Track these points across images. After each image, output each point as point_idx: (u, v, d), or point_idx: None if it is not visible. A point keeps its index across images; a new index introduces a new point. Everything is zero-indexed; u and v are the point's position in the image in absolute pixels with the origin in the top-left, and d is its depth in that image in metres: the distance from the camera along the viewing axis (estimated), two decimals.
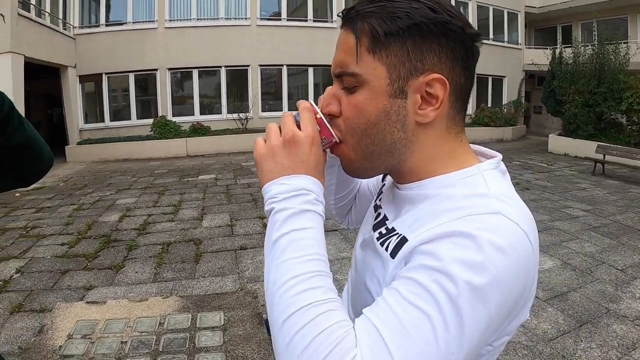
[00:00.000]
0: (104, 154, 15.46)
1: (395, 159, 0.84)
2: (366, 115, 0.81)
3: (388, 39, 0.78)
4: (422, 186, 0.84)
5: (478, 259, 0.66)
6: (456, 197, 0.76)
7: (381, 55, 0.78)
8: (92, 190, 10.29)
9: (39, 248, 6.24)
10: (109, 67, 16.53)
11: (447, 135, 0.84)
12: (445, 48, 0.78)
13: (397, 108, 0.80)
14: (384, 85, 0.79)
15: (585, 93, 15.22)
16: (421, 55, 0.78)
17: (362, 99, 0.81)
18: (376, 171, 0.89)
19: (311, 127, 0.83)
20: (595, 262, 5.55)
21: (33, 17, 12.59)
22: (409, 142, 0.82)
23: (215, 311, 4.07)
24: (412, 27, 0.77)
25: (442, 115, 0.81)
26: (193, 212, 7.99)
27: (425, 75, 0.78)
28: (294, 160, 0.81)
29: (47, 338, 3.66)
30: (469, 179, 0.80)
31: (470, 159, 0.86)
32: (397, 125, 0.80)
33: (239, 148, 16.25)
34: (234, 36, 17.38)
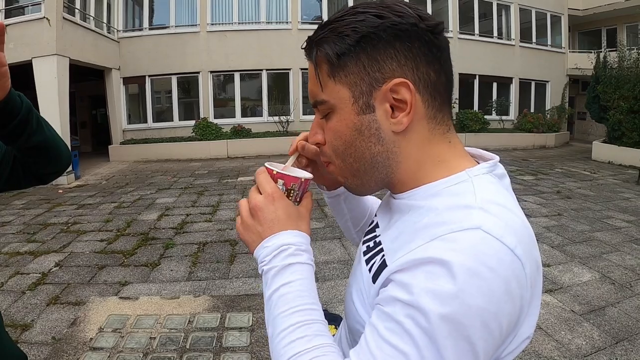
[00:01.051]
0: (146, 154, 15.79)
1: (382, 173, 0.83)
2: (342, 136, 0.82)
3: (342, 59, 0.78)
4: (410, 196, 0.83)
5: (451, 288, 0.63)
6: (438, 210, 0.74)
7: (340, 77, 0.79)
8: (132, 189, 10.50)
9: (78, 243, 6.38)
10: (151, 70, 16.88)
11: (432, 138, 0.81)
12: (401, 50, 0.76)
13: (367, 123, 0.79)
14: (350, 105, 0.80)
15: (631, 99, 14.64)
16: (377, 65, 0.77)
17: (335, 122, 0.83)
18: (368, 187, 0.88)
19: (269, 186, 0.88)
20: (635, 277, 5.30)
21: (78, 21, 12.95)
22: (391, 154, 0.81)
23: (244, 312, 4.06)
24: (360, 40, 0.76)
25: (419, 118, 0.79)
26: (230, 213, 8.04)
27: (387, 83, 0.77)
28: (265, 223, 0.86)
29: (79, 330, 3.72)
30: (457, 186, 0.77)
31: (462, 162, 0.82)
32: (372, 140, 0.80)
33: (279, 151, 16.31)
34: (275, 40, 17.49)
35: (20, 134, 1.26)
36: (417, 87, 0.77)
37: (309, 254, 0.86)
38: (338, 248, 6.07)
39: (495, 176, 0.81)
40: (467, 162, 0.83)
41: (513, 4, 20.25)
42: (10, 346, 1.52)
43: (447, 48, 0.81)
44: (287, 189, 0.89)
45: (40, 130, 1.31)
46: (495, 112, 19.77)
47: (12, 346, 1.55)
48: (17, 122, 1.23)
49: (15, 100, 1.21)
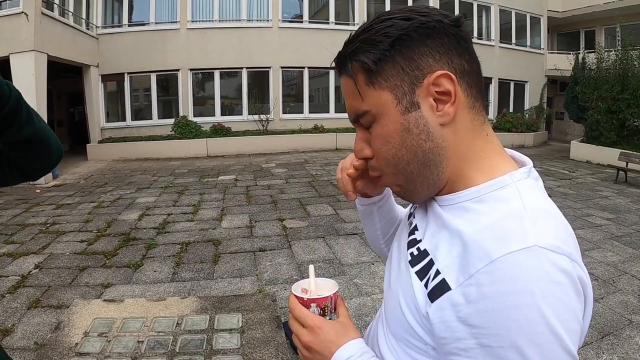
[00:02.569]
0: (124, 152, 15.58)
1: (434, 172, 0.83)
2: (390, 140, 0.83)
3: (379, 65, 0.80)
4: (453, 200, 0.83)
5: (537, 319, 0.65)
6: (487, 219, 0.74)
7: (380, 83, 0.81)
8: (112, 189, 10.35)
9: (58, 244, 6.25)
10: (131, 67, 16.67)
11: (474, 129, 0.82)
12: (433, 46, 0.79)
13: (415, 120, 0.80)
14: (394, 107, 0.81)
15: (609, 99, 14.91)
16: (415, 63, 0.79)
17: (381, 128, 0.84)
18: (419, 192, 0.88)
19: (309, 319, 0.91)
20: (618, 272, 5.39)
21: (56, 17, 12.72)
22: (441, 150, 0.81)
23: (233, 313, 4.00)
24: (394, 44, 0.79)
25: (462, 107, 0.81)
26: (212, 213, 7.97)
27: (428, 78, 0.79)
28: (323, 350, 0.90)
29: (63, 335, 3.62)
30: (501, 191, 0.77)
31: (502, 162, 0.83)
32: (422, 136, 0.80)
33: (259, 149, 16.27)
34: (255, 38, 17.42)
35: (9, 125, 1.19)
36: (455, 77, 0.79)
37: (368, 353, 0.90)
38: (322, 247, 6.05)
39: (534, 179, 0.82)
40: (506, 163, 0.84)
41: (493, 5, 20.47)
42: None
43: (470, 39, 0.84)
44: (321, 308, 0.93)
45: (31, 122, 1.24)
46: None
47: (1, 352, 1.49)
48: (5, 113, 1.16)
49: (3, 89, 1.14)
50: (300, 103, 18.66)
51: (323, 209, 8.08)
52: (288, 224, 7.17)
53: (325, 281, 1.01)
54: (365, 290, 4.72)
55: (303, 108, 18.54)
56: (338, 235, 6.58)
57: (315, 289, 0.98)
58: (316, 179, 11.14)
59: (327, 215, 7.64)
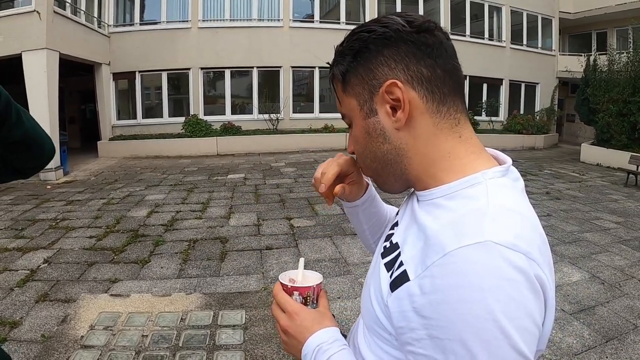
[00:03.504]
0: (135, 150, 15.67)
1: (397, 169, 0.89)
2: (359, 141, 0.93)
3: (346, 76, 0.89)
4: (428, 196, 0.85)
5: (482, 315, 0.66)
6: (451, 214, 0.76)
7: (348, 90, 0.90)
8: (122, 186, 10.42)
9: (67, 240, 6.32)
10: (142, 66, 16.78)
11: (439, 133, 0.84)
12: (390, 55, 0.83)
13: (373, 125, 0.87)
14: (358, 112, 0.89)
15: (620, 102, 14.75)
16: (372, 73, 0.85)
17: (353, 130, 0.94)
18: (390, 184, 0.95)
19: (288, 305, 0.98)
20: (624, 277, 5.35)
21: (68, 15, 12.82)
22: (400, 150, 0.86)
23: (237, 309, 4.03)
24: (356, 56, 0.87)
25: (420, 113, 0.83)
26: (221, 211, 8.01)
27: (382, 87, 0.83)
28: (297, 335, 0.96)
29: (69, 328, 3.67)
30: (471, 189, 0.79)
31: (477, 161, 0.84)
32: (379, 139, 0.87)
33: (268, 149, 16.30)
34: (266, 37, 17.46)
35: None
36: (411, 84, 0.82)
37: (339, 341, 0.94)
38: (329, 246, 6.06)
39: (510, 179, 0.83)
40: (482, 162, 0.84)
41: (504, 5, 20.34)
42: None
43: (440, 44, 0.85)
44: (304, 297, 0.99)
45: (20, 124, 1.23)
46: (485, 113, 19.89)
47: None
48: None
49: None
50: (311, 103, 18.68)
51: (331, 209, 8.07)
52: (295, 223, 7.20)
53: (312, 274, 1.06)
54: None
55: (313, 108, 18.56)
56: (345, 234, 6.60)
57: (302, 279, 1.03)
58: None
59: (334, 215, 7.66)
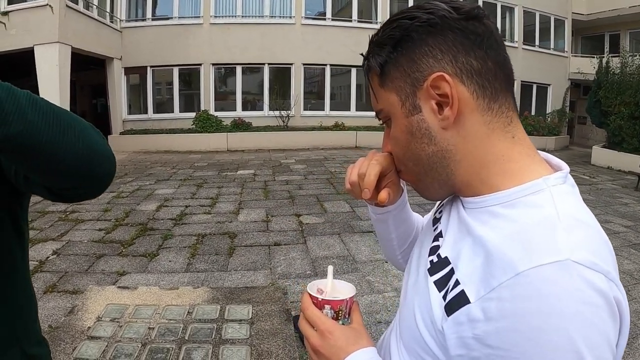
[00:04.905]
0: (145, 144, 15.76)
1: (442, 174, 0.80)
2: (399, 142, 0.84)
3: (385, 68, 0.81)
4: (480, 203, 0.76)
5: (564, 344, 0.59)
6: (516, 225, 0.67)
7: (387, 84, 0.81)
8: (132, 179, 10.47)
9: (76, 232, 6.35)
10: (153, 61, 16.86)
11: (491, 133, 0.76)
12: (435, 45, 0.76)
13: (417, 124, 0.79)
14: (399, 109, 0.81)
15: (632, 105, 14.61)
16: (415, 65, 0.77)
17: (393, 129, 0.85)
18: (433, 190, 0.86)
19: (320, 322, 0.86)
20: (633, 281, 5.28)
21: (81, 10, 12.93)
22: (446, 153, 0.78)
23: (244, 304, 4.03)
24: (396, 46, 0.78)
25: (470, 111, 0.75)
26: (230, 206, 8.02)
27: (427, 80, 0.75)
28: (332, 357, 0.85)
29: (76, 319, 3.69)
30: (534, 197, 0.70)
31: (533, 165, 0.76)
32: (424, 140, 0.79)
33: (279, 145, 16.31)
34: (278, 34, 17.47)
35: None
36: (460, 78, 0.74)
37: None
38: (337, 244, 6.05)
39: (570, 186, 0.75)
40: (539, 166, 0.76)
41: (517, 6, 20.21)
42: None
43: (490, 33, 0.77)
44: (335, 311, 0.89)
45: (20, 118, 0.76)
46: None
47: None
48: None
49: None
50: (322, 100, 18.68)
51: (340, 206, 8.08)
52: (304, 220, 7.19)
53: (343, 284, 0.97)
54: (378, 287, 4.71)
55: (324, 105, 18.56)
56: (353, 232, 6.58)
57: (332, 290, 0.94)
58: (334, 176, 11.13)
59: (343, 212, 7.64)
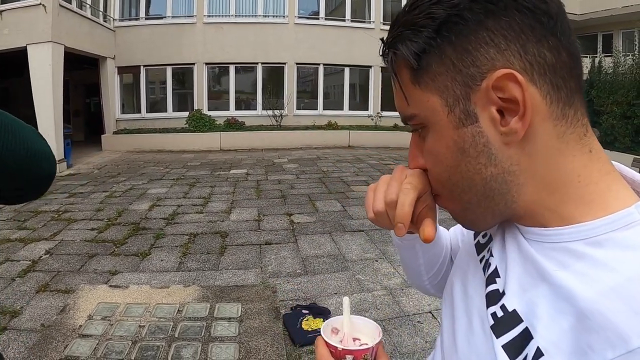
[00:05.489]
0: (138, 144, 15.79)
1: (500, 203, 0.61)
2: (442, 160, 0.63)
3: (424, 59, 0.59)
4: (555, 237, 0.58)
5: None
6: (615, 282, 0.50)
7: (426, 82, 0.60)
8: (124, 179, 10.50)
9: (69, 232, 6.39)
10: (147, 60, 16.88)
11: (564, 148, 0.57)
12: (497, 30, 0.56)
13: (471, 138, 0.59)
14: (445, 117, 0.60)
15: (624, 104, 14.75)
16: (470, 56, 0.57)
17: (432, 142, 0.64)
18: (484, 222, 0.66)
19: None
20: None
21: (74, 9, 12.91)
22: (508, 176, 0.59)
23: (233, 302, 4.09)
24: (440, 29, 0.57)
25: (541, 119, 0.56)
26: (222, 205, 8.07)
27: (487, 79, 0.56)
28: None
29: (68, 317, 3.74)
30: (628, 232, 0.53)
31: (617, 186, 0.58)
32: (481, 160, 0.59)
33: (272, 145, 16.35)
34: (271, 34, 17.52)
35: None
36: (530, 76, 0.55)
37: None
38: (328, 243, 6.10)
39: None
40: (621, 187, 0.59)
41: None
42: None
43: (563, 15, 0.58)
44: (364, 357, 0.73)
45: None
46: None
47: None
48: None
49: None
50: (315, 99, 18.74)
51: (331, 205, 8.14)
52: (296, 219, 7.24)
53: (364, 321, 0.80)
54: (367, 286, 4.77)
55: (317, 104, 18.62)
56: (344, 231, 6.64)
57: (350, 330, 0.78)
58: (327, 175, 11.19)
59: (335, 212, 7.70)
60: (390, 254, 5.59)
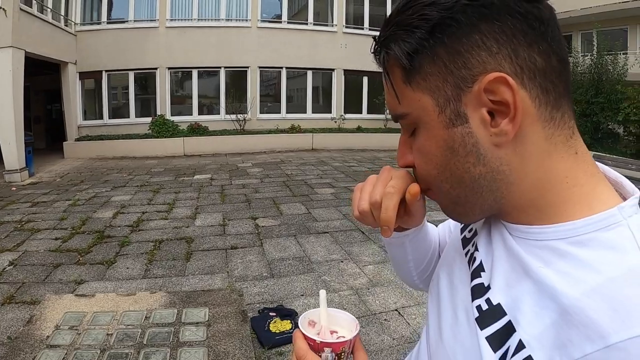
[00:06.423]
0: (101, 151, 15.56)
1: (488, 199, 0.65)
2: (432, 158, 0.66)
3: (415, 60, 0.62)
4: (539, 235, 0.62)
5: None
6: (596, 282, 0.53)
7: (418, 82, 0.63)
8: (88, 187, 10.38)
9: (32, 242, 6.32)
10: (109, 65, 16.66)
11: (553, 150, 0.61)
12: (490, 33, 0.58)
13: (460, 138, 0.62)
14: (436, 117, 0.63)
15: (583, 103, 15.32)
16: (462, 59, 0.59)
17: (422, 141, 0.66)
18: (472, 215, 0.70)
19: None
20: None
21: (35, 13, 12.65)
22: (497, 174, 0.62)
23: (200, 307, 4.15)
24: (433, 31, 0.60)
25: (531, 122, 0.60)
26: (186, 211, 8.08)
27: (479, 82, 0.59)
28: None
29: (35, 328, 3.75)
30: (610, 233, 0.56)
31: (601, 188, 0.62)
32: (469, 159, 0.62)
33: (235, 149, 16.36)
34: (234, 37, 17.55)
35: None
36: (521, 79, 0.58)
37: None
38: (293, 245, 6.20)
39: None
40: (606, 189, 0.62)
41: None
42: None
43: (554, 20, 0.62)
44: (337, 353, 0.73)
45: None
46: None
47: None
48: None
49: None
50: (278, 103, 18.83)
51: (296, 208, 8.24)
52: (261, 223, 7.32)
53: (340, 313, 0.82)
54: (334, 287, 4.87)
55: (280, 108, 18.72)
56: (309, 233, 6.74)
57: (327, 323, 0.79)
58: (291, 179, 11.29)
59: (299, 214, 7.80)
60: (356, 255, 5.73)
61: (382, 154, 16.72)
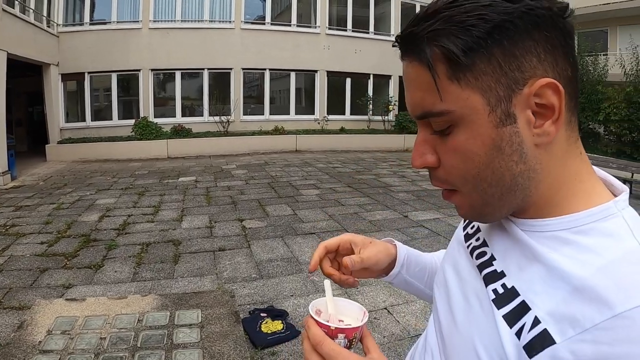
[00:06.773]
0: (84, 153, 15.43)
1: (519, 197, 0.68)
2: (474, 158, 0.67)
3: (470, 57, 0.62)
4: (545, 226, 0.68)
5: None
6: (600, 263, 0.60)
7: (468, 79, 0.64)
8: (72, 190, 10.31)
9: (18, 246, 6.27)
10: (91, 67, 16.52)
11: (569, 148, 0.68)
12: (541, 42, 0.62)
13: (508, 137, 0.64)
14: (485, 116, 0.64)
15: None
16: (516, 62, 0.62)
17: (464, 139, 0.67)
18: (498, 215, 0.73)
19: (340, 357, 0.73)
20: None
21: (17, 14, 12.53)
22: (532, 173, 0.66)
23: (192, 309, 4.17)
24: (493, 31, 0.61)
25: (561, 124, 0.66)
26: (173, 214, 8.07)
27: (530, 85, 0.63)
28: None
29: (26, 334, 3.73)
30: (608, 223, 0.64)
31: (598, 186, 0.70)
32: (514, 158, 0.65)
33: (219, 151, 16.33)
34: (217, 39, 17.52)
35: None
36: (562, 86, 0.63)
37: None
38: (281, 246, 6.24)
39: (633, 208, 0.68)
40: (602, 186, 0.71)
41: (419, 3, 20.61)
42: None
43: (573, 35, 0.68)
44: (349, 339, 0.77)
45: None
46: None
47: None
48: None
49: None
50: (261, 105, 18.85)
51: (282, 210, 8.28)
52: (247, 224, 7.34)
53: (347, 303, 0.86)
54: (321, 287, 4.89)
55: (264, 110, 18.74)
56: (296, 234, 6.79)
57: (335, 311, 0.83)
58: (276, 180, 11.33)
59: (285, 216, 7.84)
60: None
61: (366, 154, 16.83)
